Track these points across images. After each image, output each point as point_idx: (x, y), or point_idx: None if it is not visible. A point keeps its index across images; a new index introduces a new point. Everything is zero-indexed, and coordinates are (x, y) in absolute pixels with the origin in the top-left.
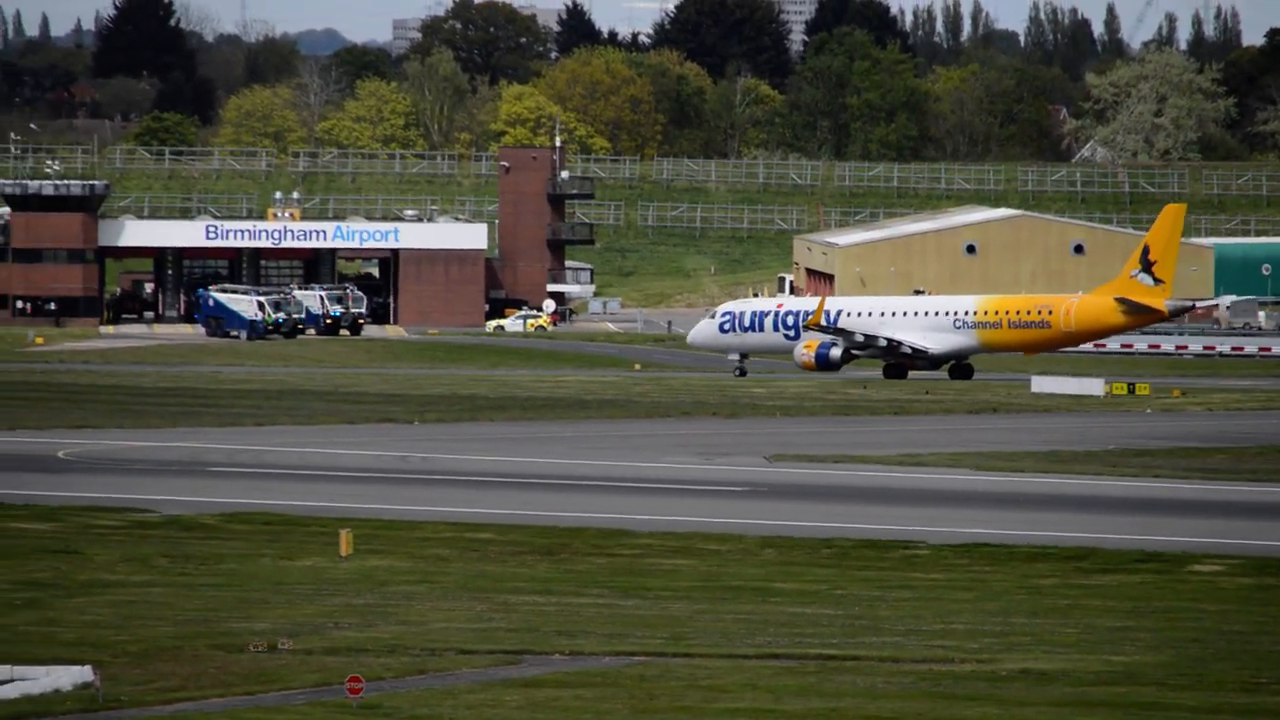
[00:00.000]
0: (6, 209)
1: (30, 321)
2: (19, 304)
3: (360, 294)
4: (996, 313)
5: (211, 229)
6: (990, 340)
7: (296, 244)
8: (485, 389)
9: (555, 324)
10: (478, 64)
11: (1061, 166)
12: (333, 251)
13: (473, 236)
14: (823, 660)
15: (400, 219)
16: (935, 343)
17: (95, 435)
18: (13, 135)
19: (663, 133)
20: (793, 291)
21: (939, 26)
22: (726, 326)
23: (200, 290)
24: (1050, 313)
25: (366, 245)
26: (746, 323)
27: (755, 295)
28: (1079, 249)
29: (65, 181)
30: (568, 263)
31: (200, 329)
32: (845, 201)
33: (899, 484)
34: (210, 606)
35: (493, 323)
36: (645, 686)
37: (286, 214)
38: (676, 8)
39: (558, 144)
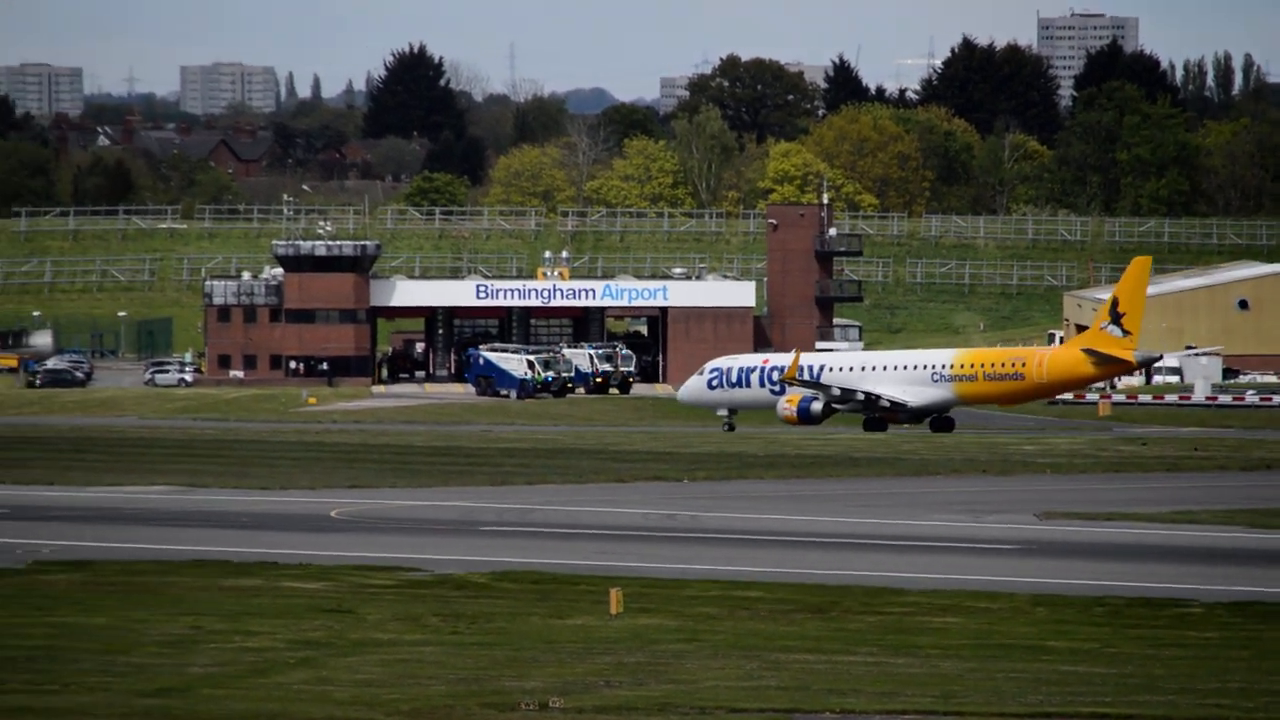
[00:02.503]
0: (280, 269)
1: (303, 381)
2: (292, 364)
3: (629, 352)
4: (972, 366)
5: (482, 288)
6: (966, 393)
7: (566, 303)
8: (755, 447)
9: None
10: (745, 121)
11: None
12: (601, 310)
13: (741, 294)
14: (1096, 719)
15: (668, 277)
16: (914, 396)
17: (367, 494)
18: (285, 196)
19: (931, 189)
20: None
21: (1209, 80)
22: (715, 383)
23: (470, 349)
24: (1024, 365)
25: (635, 303)
26: (734, 379)
27: None
28: None
29: (337, 242)
30: (836, 320)
31: (470, 388)
32: (1115, 257)
33: (1171, 541)
34: (481, 665)
35: None
36: None
37: (556, 273)
38: (944, 63)
39: (825, 201)
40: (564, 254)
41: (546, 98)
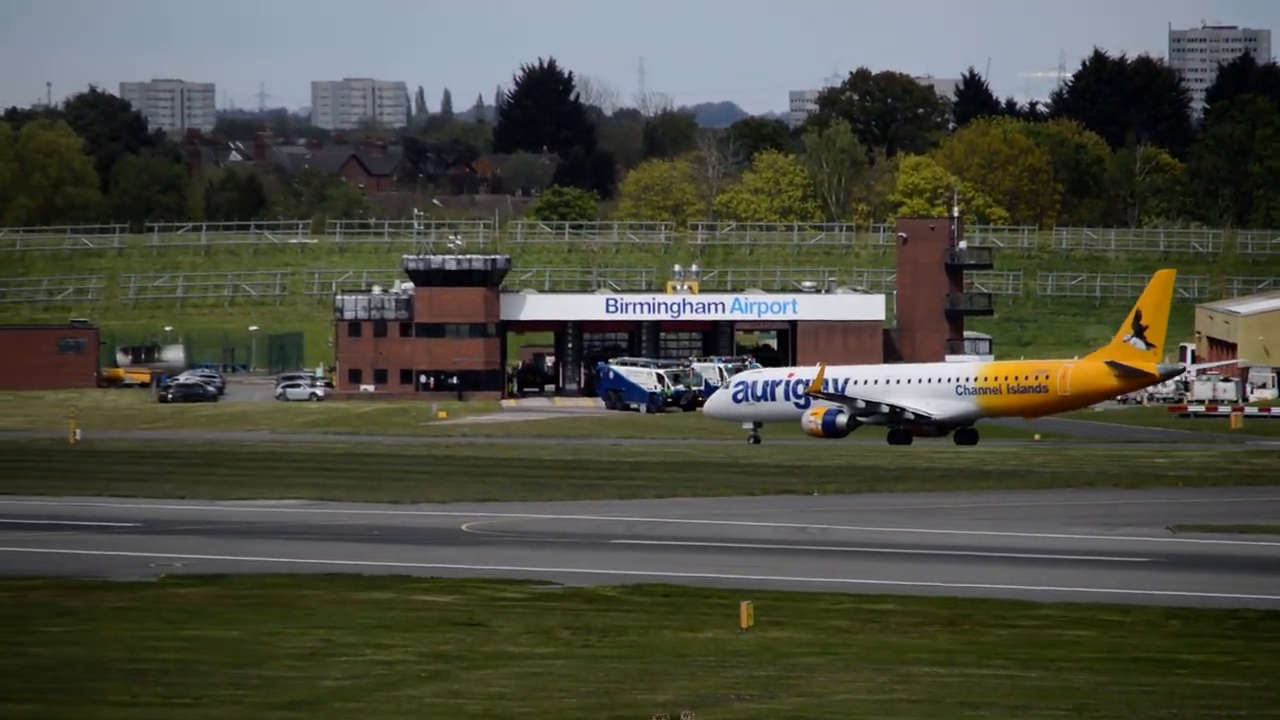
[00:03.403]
0: (410, 284)
1: (433, 395)
2: (422, 378)
3: (759, 366)
4: (996, 378)
5: (611, 302)
6: (991, 405)
7: (695, 316)
8: (884, 460)
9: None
10: (875, 135)
11: None
12: (731, 323)
13: (870, 307)
14: None
15: (798, 290)
16: (938, 409)
17: (498, 508)
18: (416, 211)
19: (1061, 202)
20: (1194, 360)
21: None
22: (740, 396)
23: (600, 363)
24: (1048, 378)
25: (764, 317)
26: (759, 392)
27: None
28: None
29: (467, 256)
30: (966, 333)
31: (600, 402)
32: (1248, 270)
33: None
34: (613, 678)
35: None
36: None
37: (685, 286)
38: (1075, 76)
39: (955, 214)
40: (693, 267)
41: (676, 112)
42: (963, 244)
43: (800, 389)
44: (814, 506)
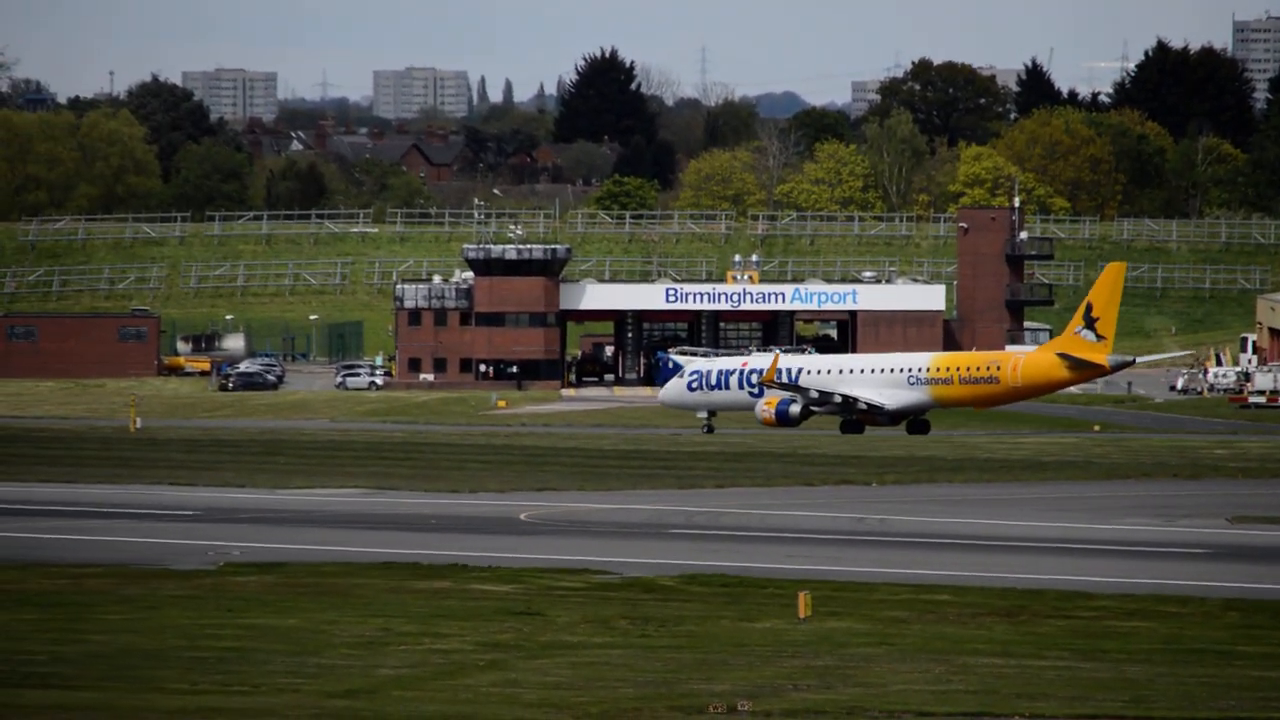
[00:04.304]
0: (470, 273)
1: (492, 384)
2: (481, 367)
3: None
4: (948, 369)
5: (671, 292)
6: (942, 396)
7: (755, 306)
8: (942, 450)
9: None
10: (936, 125)
11: None
12: (791, 313)
13: (931, 298)
14: None
15: (858, 281)
16: (890, 399)
17: (556, 498)
18: (476, 200)
19: (1123, 192)
20: (1255, 352)
21: None
22: (694, 385)
23: (660, 353)
24: (999, 369)
25: (825, 307)
26: (713, 381)
27: (1216, 357)
28: None
29: (528, 246)
30: (1026, 324)
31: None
32: None
33: None
34: (670, 668)
35: None
36: None
37: (745, 276)
38: (1137, 67)
39: (1016, 204)
40: (754, 257)
41: (737, 102)
42: (1023, 234)
43: (754, 378)
44: (872, 497)
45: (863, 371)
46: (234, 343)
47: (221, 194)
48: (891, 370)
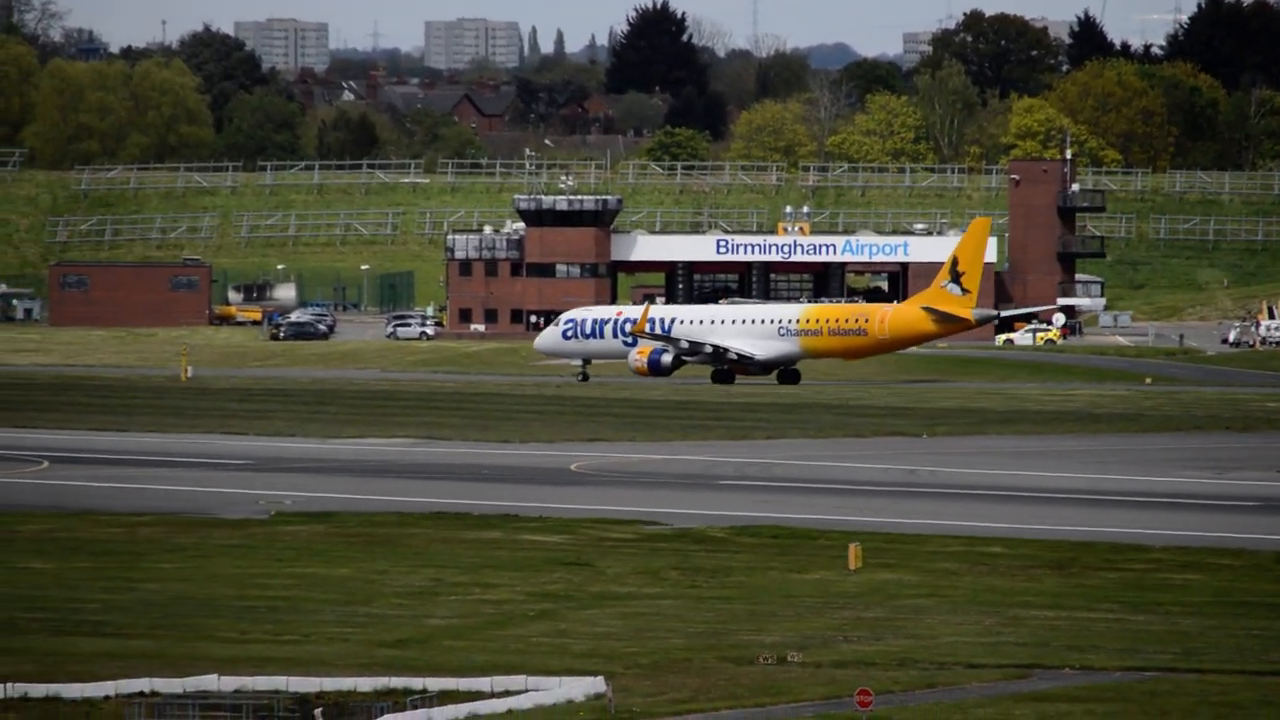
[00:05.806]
0: (521, 224)
1: None
2: (533, 318)
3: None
4: (817, 321)
5: (722, 243)
6: (811, 346)
7: (806, 258)
8: (994, 402)
9: (1065, 337)
10: (988, 77)
11: None
12: (842, 265)
13: None
14: None
15: (909, 233)
16: (761, 349)
17: (607, 448)
18: (527, 151)
19: (1175, 145)
20: None
21: None
22: (569, 333)
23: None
24: (867, 321)
25: (876, 259)
26: (588, 330)
27: (1270, 310)
28: None
29: (579, 196)
30: (1078, 276)
31: None
32: None
33: None
34: (720, 619)
35: (1002, 336)
36: (1157, 703)
37: (796, 228)
38: (1190, 19)
39: (1068, 156)
40: (805, 209)
41: (789, 53)
42: (1075, 186)
43: (628, 328)
44: (923, 448)
45: (734, 322)
46: (285, 292)
47: (273, 144)
48: (762, 321)
